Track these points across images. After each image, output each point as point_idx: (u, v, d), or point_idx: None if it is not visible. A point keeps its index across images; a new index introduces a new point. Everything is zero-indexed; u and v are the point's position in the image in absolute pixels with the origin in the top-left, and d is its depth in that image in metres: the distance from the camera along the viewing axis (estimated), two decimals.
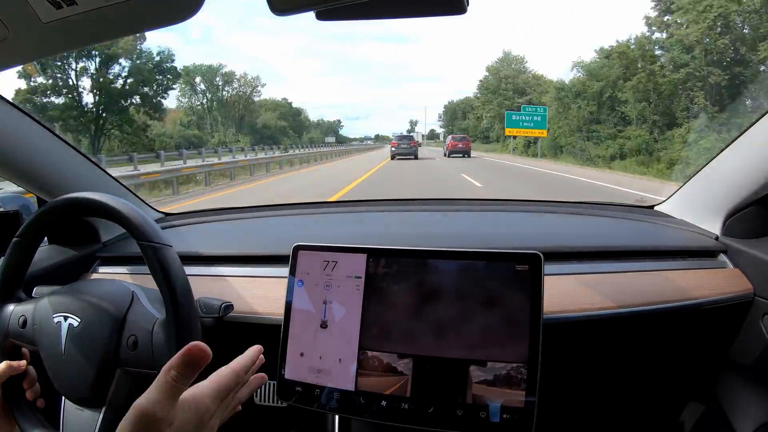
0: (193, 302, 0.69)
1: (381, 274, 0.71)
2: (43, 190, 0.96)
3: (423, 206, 1.39)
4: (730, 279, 0.89)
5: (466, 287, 0.68)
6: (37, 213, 0.73)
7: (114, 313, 0.69)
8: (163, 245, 0.67)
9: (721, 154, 0.95)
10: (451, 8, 0.50)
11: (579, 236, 1.06)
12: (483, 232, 1.14)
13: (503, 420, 0.64)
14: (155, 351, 0.67)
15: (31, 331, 0.71)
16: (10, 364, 0.71)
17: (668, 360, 0.96)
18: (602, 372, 0.97)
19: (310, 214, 1.30)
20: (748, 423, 0.85)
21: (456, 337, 0.67)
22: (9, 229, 0.81)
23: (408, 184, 10.66)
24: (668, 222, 1.09)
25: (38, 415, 0.72)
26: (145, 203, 1.22)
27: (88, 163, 1.04)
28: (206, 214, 1.28)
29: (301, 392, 0.71)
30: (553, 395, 0.78)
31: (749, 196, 0.88)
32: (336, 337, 0.71)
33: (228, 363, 0.56)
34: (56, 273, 0.95)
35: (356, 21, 0.52)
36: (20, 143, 0.88)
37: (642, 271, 0.90)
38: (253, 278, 0.92)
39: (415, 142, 22.26)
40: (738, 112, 15.57)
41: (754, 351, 0.86)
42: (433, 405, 0.66)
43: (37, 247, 0.76)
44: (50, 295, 0.73)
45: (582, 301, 0.82)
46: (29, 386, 0.73)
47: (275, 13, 0.48)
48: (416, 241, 1.02)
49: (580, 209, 1.24)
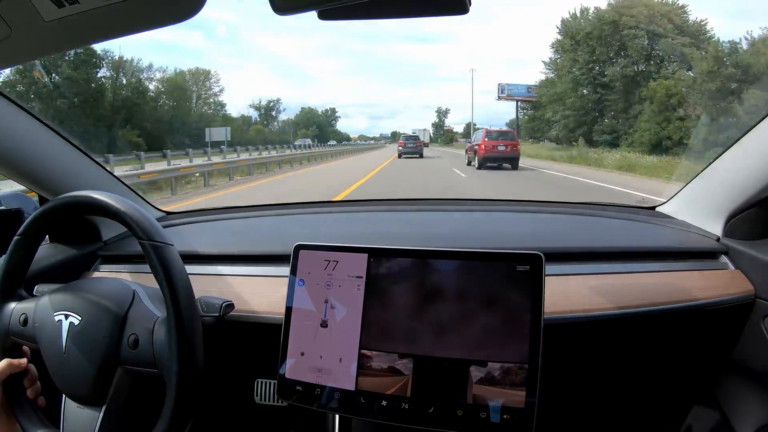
0: (194, 301, 0.69)
1: (382, 273, 0.71)
2: (44, 189, 0.96)
3: (424, 206, 1.39)
4: (731, 280, 0.88)
5: (467, 287, 0.68)
6: (39, 211, 0.73)
7: (115, 312, 0.69)
8: (164, 244, 0.67)
9: (722, 155, 0.94)
10: (453, 8, 0.50)
11: (580, 237, 1.06)
12: (484, 233, 1.14)
13: (503, 420, 0.64)
14: (156, 350, 0.67)
15: (32, 330, 0.71)
16: (10, 362, 0.71)
17: (669, 361, 0.96)
18: (603, 373, 0.97)
19: (311, 214, 1.30)
20: (749, 424, 0.85)
21: (457, 337, 0.67)
22: (10, 227, 0.81)
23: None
24: (669, 223, 1.09)
25: (39, 414, 0.72)
26: (147, 202, 1.22)
27: (89, 162, 1.04)
28: (207, 213, 1.28)
29: (301, 392, 0.71)
30: (553, 396, 0.78)
31: (751, 198, 0.88)
32: (336, 337, 0.71)
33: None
34: (57, 271, 0.95)
35: (358, 20, 0.52)
36: (22, 141, 0.88)
37: (643, 272, 0.90)
38: (254, 277, 0.92)
39: (421, 142, 21.95)
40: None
41: (755, 352, 0.86)
42: (433, 405, 0.66)
43: (38, 246, 0.76)
44: (51, 294, 0.73)
45: (583, 302, 0.82)
46: (30, 384, 0.73)
47: (277, 13, 0.48)
48: (417, 241, 1.02)
49: (582, 210, 1.23)
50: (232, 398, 1.00)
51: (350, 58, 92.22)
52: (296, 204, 1.36)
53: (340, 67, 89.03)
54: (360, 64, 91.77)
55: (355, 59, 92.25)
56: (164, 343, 0.66)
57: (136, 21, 0.57)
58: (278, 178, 12.13)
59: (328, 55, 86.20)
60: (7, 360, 0.71)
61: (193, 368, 0.66)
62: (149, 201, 1.24)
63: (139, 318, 0.69)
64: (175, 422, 0.65)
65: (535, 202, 1.50)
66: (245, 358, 0.95)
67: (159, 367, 0.66)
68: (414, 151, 19.96)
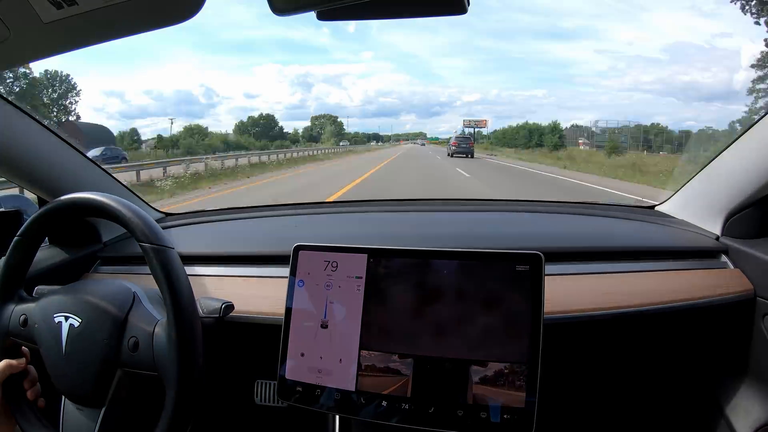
0: (195, 305, 0.69)
1: (382, 274, 0.71)
2: (44, 190, 0.96)
3: (424, 206, 1.39)
4: (730, 279, 0.88)
5: (467, 287, 0.68)
6: (39, 213, 0.73)
7: (115, 315, 0.69)
8: (164, 247, 0.67)
9: (721, 154, 0.94)
10: (452, 8, 0.51)
11: (580, 237, 1.06)
12: (483, 233, 1.14)
13: (504, 420, 0.64)
14: (156, 353, 0.66)
15: (31, 330, 0.71)
16: (9, 362, 0.71)
17: (668, 360, 0.96)
18: (602, 372, 0.97)
19: (310, 214, 1.30)
20: (749, 423, 0.85)
21: (457, 338, 0.67)
22: (10, 228, 0.81)
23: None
24: (669, 222, 1.09)
25: (38, 415, 0.72)
26: (146, 203, 1.22)
27: (89, 163, 1.04)
28: (207, 214, 1.28)
29: (301, 392, 0.71)
30: (553, 396, 0.78)
31: (750, 197, 0.88)
32: (336, 338, 0.71)
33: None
34: (57, 273, 0.95)
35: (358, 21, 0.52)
36: (22, 143, 0.88)
37: (642, 271, 0.90)
38: (254, 278, 0.92)
39: (473, 143, 22.67)
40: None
41: (755, 351, 0.86)
42: (433, 405, 0.66)
43: (38, 247, 0.76)
44: (51, 295, 0.73)
45: (582, 302, 0.82)
46: (30, 386, 0.73)
47: (276, 14, 0.48)
48: (417, 241, 1.02)
49: (581, 209, 1.24)
50: (232, 399, 1.00)
51: (478, 55, 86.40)
52: (295, 204, 1.36)
53: (466, 65, 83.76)
54: (488, 61, 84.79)
55: (481, 56, 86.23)
56: (164, 346, 0.66)
57: (134, 22, 0.57)
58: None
59: (457, 53, 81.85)
60: (7, 361, 0.71)
61: (192, 371, 0.65)
62: (148, 202, 1.24)
63: (139, 321, 0.69)
64: (175, 425, 0.64)
65: (534, 202, 1.50)
66: (245, 359, 0.95)
67: (159, 370, 0.66)
68: (466, 151, 20.47)
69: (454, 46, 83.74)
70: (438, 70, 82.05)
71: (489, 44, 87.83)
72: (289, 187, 9.98)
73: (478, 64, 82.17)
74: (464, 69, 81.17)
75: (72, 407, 0.71)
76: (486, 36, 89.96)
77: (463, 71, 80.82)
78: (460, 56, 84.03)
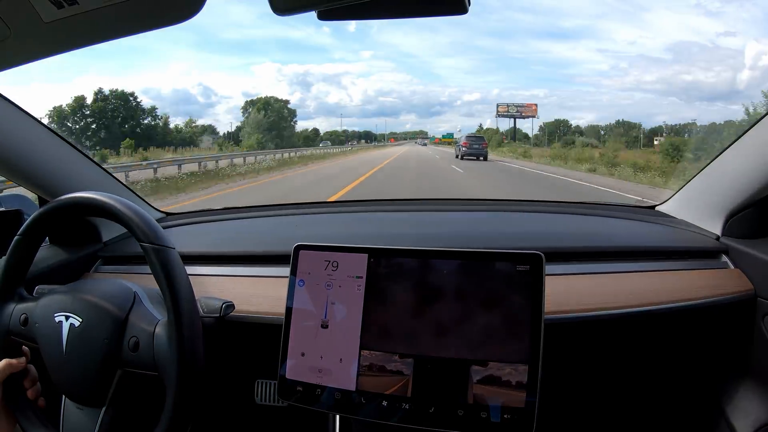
0: (195, 305, 0.69)
1: (382, 274, 0.71)
2: (44, 190, 0.96)
3: (424, 206, 1.39)
4: (731, 279, 0.88)
5: (467, 287, 0.68)
6: (39, 212, 0.73)
7: (116, 315, 0.69)
8: (165, 247, 0.67)
9: (722, 154, 0.94)
10: (452, 8, 0.51)
11: (580, 236, 1.06)
12: (484, 232, 1.14)
13: (504, 420, 0.64)
14: (156, 353, 0.67)
15: (32, 330, 0.71)
16: (10, 362, 0.71)
17: (669, 360, 0.96)
18: (603, 372, 0.97)
19: (311, 214, 1.30)
20: (749, 423, 0.85)
21: (457, 337, 0.67)
22: (10, 227, 0.81)
23: None
24: (669, 222, 1.09)
25: (39, 414, 0.72)
26: (147, 202, 1.22)
27: (89, 163, 1.04)
28: (207, 214, 1.28)
29: (302, 392, 0.71)
30: (554, 396, 0.78)
31: (750, 197, 0.88)
32: (337, 337, 0.71)
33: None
34: (58, 272, 0.95)
35: (359, 21, 0.53)
36: (22, 143, 0.88)
37: (643, 271, 0.90)
38: (254, 278, 0.92)
39: (486, 143, 18.84)
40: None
41: (755, 351, 0.86)
42: (434, 405, 0.66)
43: (38, 246, 0.76)
44: (52, 294, 0.73)
45: (583, 302, 0.82)
46: (30, 385, 0.73)
47: (277, 13, 0.48)
48: (417, 241, 1.02)
49: (582, 209, 1.24)
50: (233, 399, 1.00)
51: (478, 54, 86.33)
52: (296, 204, 1.36)
53: (467, 65, 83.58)
54: (488, 61, 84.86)
55: (482, 56, 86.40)
56: (165, 346, 0.66)
57: (135, 22, 0.57)
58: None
59: (456, 53, 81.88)
60: (7, 360, 0.71)
61: (193, 372, 0.65)
62: (149, 202, 1.24)
63: (140, 321, 0.69)
64: (175, 424, 0.64)
65: (535, 201, 1.50)
66: (245, 359, 0.95)
67: (159, 369, 0.66)
68: (478, 153, 16.85)
69: (454, 45, 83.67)
70: (438, 70, 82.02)
71: (489, 44, 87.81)
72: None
73: (478, 64, 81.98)
74: (464, 68, 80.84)
75: (72, 407, 0.71)
76: (486, 35, 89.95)
77: (463, 71, 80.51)
78: (460, 56, 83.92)
